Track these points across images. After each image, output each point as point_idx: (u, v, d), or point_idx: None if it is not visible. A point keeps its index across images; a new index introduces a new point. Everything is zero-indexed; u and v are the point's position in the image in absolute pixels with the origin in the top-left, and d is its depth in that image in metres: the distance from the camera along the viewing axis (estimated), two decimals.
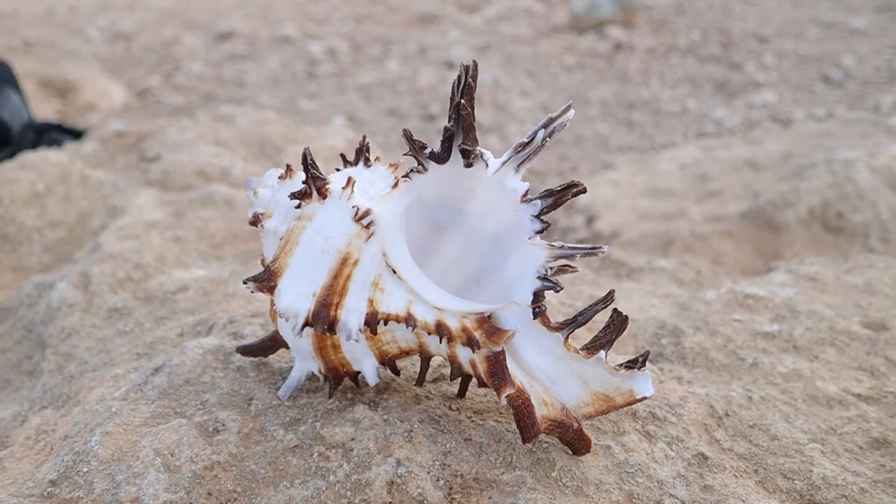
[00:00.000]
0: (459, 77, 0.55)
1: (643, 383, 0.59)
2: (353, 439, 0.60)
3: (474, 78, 0.55)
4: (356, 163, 0.62)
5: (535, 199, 0.57)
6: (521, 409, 0.56)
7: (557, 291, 0.56)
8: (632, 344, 0.78)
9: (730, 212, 1.24)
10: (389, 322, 0.57)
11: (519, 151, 0.56)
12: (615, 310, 0.58)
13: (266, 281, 0.59)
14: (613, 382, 0.58)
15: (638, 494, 0.57)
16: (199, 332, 0.78)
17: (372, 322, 0.57)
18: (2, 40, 2.38)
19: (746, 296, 0.85)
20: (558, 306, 0.83)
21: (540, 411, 0.57)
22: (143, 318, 0.84)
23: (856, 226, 1.17)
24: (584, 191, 0.57)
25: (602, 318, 0.61)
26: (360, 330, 0.57)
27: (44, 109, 1.82)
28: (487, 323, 0.56)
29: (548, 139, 0.56)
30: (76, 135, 1.53)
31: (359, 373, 0.63)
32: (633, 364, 0.58)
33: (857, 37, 2.17)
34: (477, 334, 0.55)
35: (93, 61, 2.25)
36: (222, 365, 0.69)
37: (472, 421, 0.63)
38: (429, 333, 0.57)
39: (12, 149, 1.44)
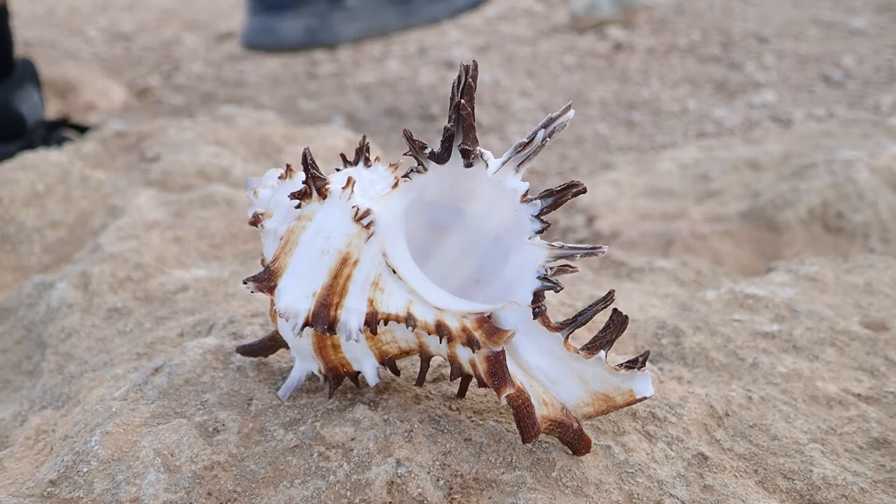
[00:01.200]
0: (459, 77, 0.55)
1: (643, 383, 0.59)
2: (353, 439, 0.60)
3: (474, 78, 0.55)
4: (356, 163, 0.62)
5: (535, 199, 0.57)
6: (521, 409, 0.56)
7: (557, 291, 0.56)
8: (632, 344, 0.78)
9: (730, 212, 1.24)
10: (389, 322, 0.57)
11: (519, 151, 0.56)
12: (615, 310, 0.58)
13: (266, 281, 0.59)
14: (613, 382, 0.58)
15: (638, 494, 0.57)
16: (199, 332, 0.78)
17: (372, 322, 0.57)
18: None
19: (746, 296, 0.85)
20: (558, 306, 0.83)
21: (540, 411, 0.57)
22: (143, 318, 0.84)
23: (856, 226, 1.17)
24: (584, 191, 0.57)
25: (602, 318, 0.61)
26: (360, 330, 0.57)
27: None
28: (487, 323, 0.56)
29: (548, 139, 0.56)
30: (82, 130, 1.53)
31: (359, 373, 0.63)
32: (633, 364, 0.58)
33: (857, 37, 2.18)
34: (477, 334, 0.55)
35: (93, 61, 2.25)
36: (222, 365, 0.69)
37: (472, 421, 0.63)
38: (429, 333, 0.57)
39: (23, 143, 1.44)
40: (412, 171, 0.58)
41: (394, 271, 0.57)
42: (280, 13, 1.50)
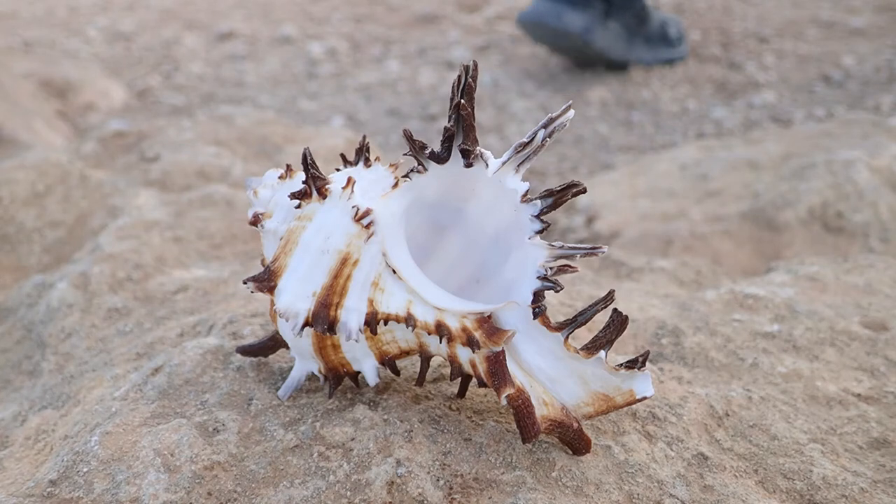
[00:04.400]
0: (459, 77, 0.55)
1: (643, 383, 0.59)
2: (353, 439, 0.60)
3: (474, 78, 0.55)
4: (356, 163, 0.62)
5: (535, 199, 0.57)
6: (521, 409, 0.56)
7: (557, 291, 0.56)
8: (632, 344, 0.78)
9: (730, 212, 1.24)
10: (389, 322, 0.57)
11: (519, 151, 0.56)
12: (615, 310, 0.58)
13: (266, 281, 0.59)
14: (613, 382, 0.58)
15: (638, 494, 0.57)
16: (198, 332, 0.78)
17: (372, 322, 0.57)
18: (2, 40, 2.38)
19: (746, 296, 0.85)
20: (558, 306, 0.83)
21: (540, 411, 0.57)
22: (142, 318, 0.84)
23: (856, 226, 1.17)
24: (584, 191, 0.57)
25: (602, 318, 0.61)
26: (360, 330, 0.57)
27: (44, 109, 1.82)
28: (487, 323, 0.56)
29: (548, 139, 0.56)
30: None
31: (359, 373, 0.63)
32: (633, 364, 0.58)
33: (857, 37, 2.17)
34: (477, 334, 0.55)
35: (93, 61, 2.25)
36: (222, 365, 0.69)
37: (472, 421, 0.63)
38: (429, 333, 0.57)
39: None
40: (412, 171, 0.58)
41: (394, 271, 0.57)
42: (568, 6, 1.86)
